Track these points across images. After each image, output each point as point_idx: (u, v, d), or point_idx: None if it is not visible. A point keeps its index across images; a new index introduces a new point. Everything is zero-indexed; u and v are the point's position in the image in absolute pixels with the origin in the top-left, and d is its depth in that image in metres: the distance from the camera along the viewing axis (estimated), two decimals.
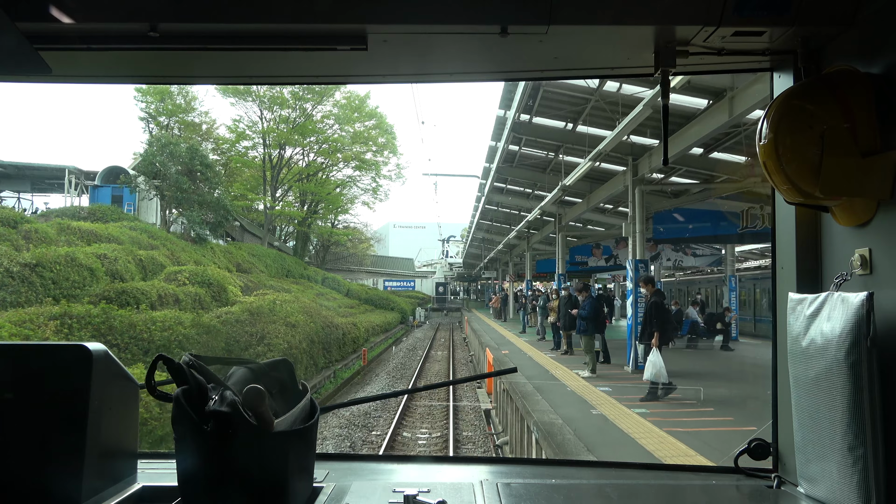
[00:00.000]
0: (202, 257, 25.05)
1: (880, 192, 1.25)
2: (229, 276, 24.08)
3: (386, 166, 48.52)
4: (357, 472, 1.57)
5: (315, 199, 46.93)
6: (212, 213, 26.80)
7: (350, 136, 45.16)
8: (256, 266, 31.87)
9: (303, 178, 45.13)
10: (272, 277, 33.96)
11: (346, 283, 46.45)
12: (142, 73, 1.75)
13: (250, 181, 45.27)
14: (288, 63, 1.59)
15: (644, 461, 2.32)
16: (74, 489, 1.22)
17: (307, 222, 48.07)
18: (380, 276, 63.60)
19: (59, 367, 1.29)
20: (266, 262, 35.07)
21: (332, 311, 29.61)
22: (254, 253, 34.42)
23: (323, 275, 44.60)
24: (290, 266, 40.16)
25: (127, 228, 21.39)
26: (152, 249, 20.46)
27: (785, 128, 1.33)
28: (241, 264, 29.81)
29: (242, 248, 34.13)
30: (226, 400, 1.12)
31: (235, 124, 41.90)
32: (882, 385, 1.19)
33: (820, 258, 1.49)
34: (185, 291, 16.52)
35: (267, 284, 28.54)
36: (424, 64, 1.62)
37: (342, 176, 49.14)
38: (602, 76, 2.13)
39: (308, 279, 42.02)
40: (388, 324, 35.71)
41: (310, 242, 54.53)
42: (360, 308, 39.24)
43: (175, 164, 25.99)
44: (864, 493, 1.20)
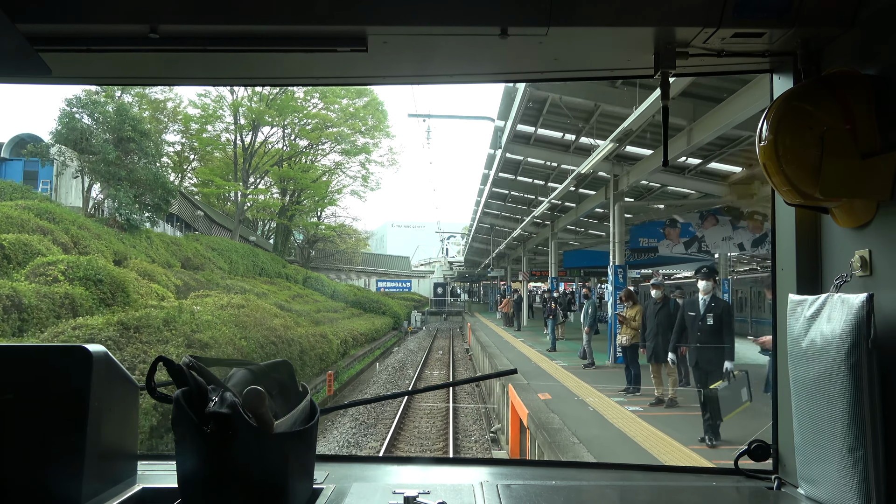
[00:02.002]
0: (131, 248, 19.41)
1: (880, 194, 1.25)
2: (160, 272, 18.48)
3: (377, 150, 42.69)
4: (357, 474, 1.58)
5: (298, 188, 41.15)
6: (147, 194, 21.05)
7: (337, 114, 39.33)
8: (214, 262, 26.15)
9: (282, 160, 39.20)
10: (235, 276, 28.45)
11: (332, 283, 40.89)
12: (142, 74, 1.79)
13: (221, 167, 39.52)
14: (288, 64, 1.59)
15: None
16: (74, 490, 1.23)
17: (288, 214, 42.32)
18: (373, 276, 57.74)
19: (60, 369, 1.29)
20: (231, 257, 29.41)
21: (307, 316, 24.11)
22: (215, 247, 28.76)
23: (305, 274, 39.15)
24: (265, 263, 34.55)
25: (10, 206, 15.65)
26: (43, 234, 14.72)
27: (785, 129, 1.33)
28: (192, 259, 24.16)
29: (200, 241, 28.43)
30: (226, 401, 1.11)
31: (200, 97, 36.10)
32: (882, 386, 1.20)
33: (820, 259, 1.50)
34: (51, 292, 10.84)
35: (220, 284, 22.92)
36: (424, 65, 1.63)
37: (328, 162, 43.46)
38: (602, 78, 1.77)
39: (287, 279, 36.70)
40: (375, 331, 30.02)
41: (293, 238, 48.81)
42: (345, 312, 33.94)
43: (102, 131, 20.33)
44: (864, 495, 1.20)
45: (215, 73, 1.69)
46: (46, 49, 1.34)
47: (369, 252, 64.96)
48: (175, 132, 39.52)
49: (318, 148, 41.34)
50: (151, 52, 1.39)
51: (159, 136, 30.90)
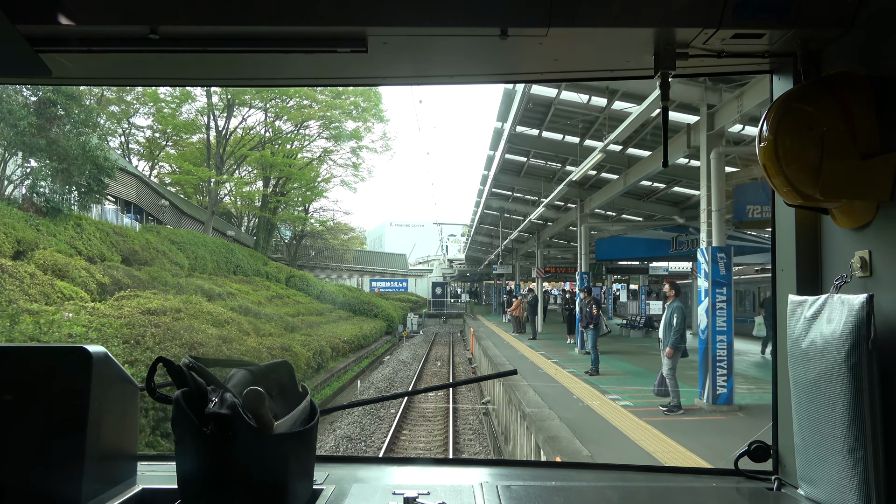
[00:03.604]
0: (49, 237, 15.33)
1: (880, 194, 1.25)
2: (79, 267, 14.40)
3: (370, 135, 38.53)
4: (357, 475, 1.57)
5: (281, 177, 37.05)
6: (75, 171, 16.93)
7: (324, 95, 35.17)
8: (171, 257, 22.04)
9: (263, 143, 35.02)
10: (201, 273, 24.37)
11: (320, 283, 36.84)
12: (142, 75, 1.78)
13: (195, 154, 35.40)
14: (288, 65, 1.58)
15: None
16: (74, 491, 1.23)
17: (270, 206, 38.22)
18: (366, 276, 53.47)
19: (59, 370, 1.29)
20: (196, 252, 25.34)
21: (279, 322, 20.09)
22: (176, 239, 24.64)
23: (289, 272, 35.09)
24: (242, 260, 30.48)
25: None
26: None
27: (785, 130, 1.33)
28: (139, 253, 20.08)
29: (159, 233, 24.35)
30: (226, 402, 1.11)
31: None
32: (882, 387, 1.19)
33: (820, 260, 1.49)
34: None
35: (170, 283, 18.86)
36: (424, 66, 1.62)
37: (315, 148, 39.35)
38: (602, 78, 1.75)
39: (268, 277, 32.67)
40: (363, 337, 25.98)
41: (277, 232, 44.69)
42: (330, 315, 29.99)
43: (16, 92, 16.26)
44: (864, 495, 1.20)
45: (215, 73, 1.69)
46: (46, 49, 1.35)
47: (363, 249, 60.56)
48: (146, 115, 35.51)
49: (304, 134, 37.20)
50: (151, 52, 1.39)
51: (104, 107, 26.81)
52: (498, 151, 15.48)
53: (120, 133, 36.90)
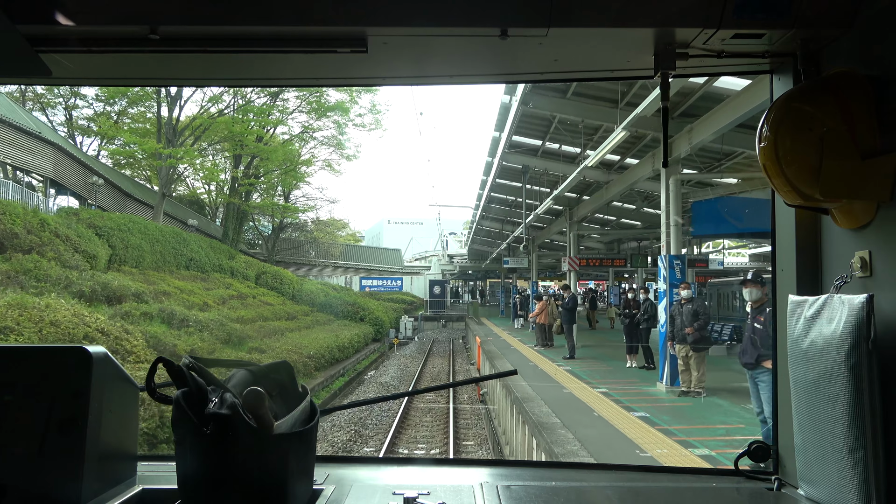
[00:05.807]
0: None
1: (880, 195, 1.25)
2: None
3: (356, 108, 32.82)
4: (357, 475, 1.57)
5: (255, 154, 31.40)
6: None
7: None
8: (75, 244, 16.36)
9: (225, 113, 29.28)
10: (130, 266, 18.82)
11: (298, 280, 31.31)
12: (142, 75, 1.78)
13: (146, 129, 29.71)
14: (288, 65, 1.59)
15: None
16: (74, 491, 1.23)
17: (240, 189, 32.56)
18: (356, 273, 47.75)
19: (59, 370, 1.29)
20: (126, 241, 19.78)
21: (212, 332, 14.61)
22: (98, 224, 19.02)
23: (261, 268, 29.55)
24: (198, 253, 24.88)
25: None
26: None
27: (785, 130, 1.33)
28: (21, 238, 14.50)
29: (78, 216, 18.78)
30: (226, 402, 1.11)
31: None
32: (882, 387, 1.19)
33: (820, 260, 1.50)
34: None
35: (52, 278, 13.24)
36: (424, 66, 1.62)
37: (295, 125, 33.72)
38: (602, 78, 1.75)
39: (232, 274, 27.09)
40: (340, 349, 20.46)
41: (254, 224, 39.02)
42: (304, 320, 24.50)
43: None
44: (864, 496, 1.19)
45: (215, 73, 1.70)
46: (46, 49, 1.35)
47: (352, 244, 54.71)
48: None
49: (282, 107, 31.52)
50: (151, 52, 1.40)
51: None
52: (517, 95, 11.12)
53: (62, 103, 31.26)
